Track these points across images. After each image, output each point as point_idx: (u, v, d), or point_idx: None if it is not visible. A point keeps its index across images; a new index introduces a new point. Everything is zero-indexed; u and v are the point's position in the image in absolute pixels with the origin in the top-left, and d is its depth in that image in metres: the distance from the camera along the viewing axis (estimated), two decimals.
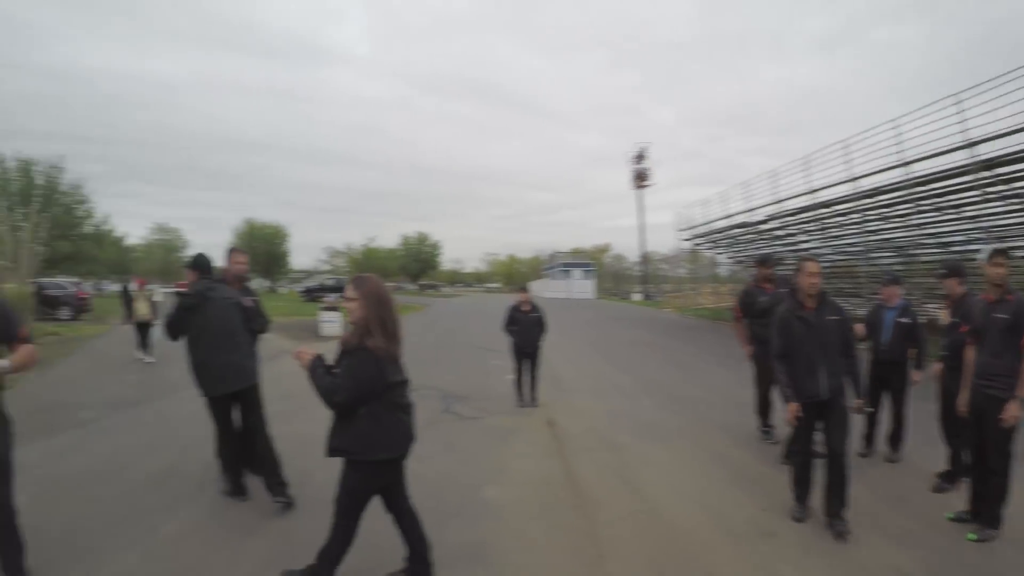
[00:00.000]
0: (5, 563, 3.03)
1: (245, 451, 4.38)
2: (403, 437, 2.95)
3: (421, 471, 4.93)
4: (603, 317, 27.08)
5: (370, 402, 2.81)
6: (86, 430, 6.40)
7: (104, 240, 37.77)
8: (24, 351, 2.97)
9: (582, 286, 54.94)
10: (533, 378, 7.83)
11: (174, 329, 4.19)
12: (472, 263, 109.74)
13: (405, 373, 3.01)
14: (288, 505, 4.14)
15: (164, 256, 65.67)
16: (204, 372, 4.15)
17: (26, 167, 27.51)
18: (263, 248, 53.97)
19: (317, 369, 2.88)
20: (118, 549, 3.59)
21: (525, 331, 7.73)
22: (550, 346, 8.18)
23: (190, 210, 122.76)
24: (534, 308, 7.83)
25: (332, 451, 2.88)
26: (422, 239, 71.88)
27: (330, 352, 3.01)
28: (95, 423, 6.72)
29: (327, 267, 71.28)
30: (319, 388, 2.81)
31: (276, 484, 4.18)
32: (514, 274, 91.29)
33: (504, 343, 8.69)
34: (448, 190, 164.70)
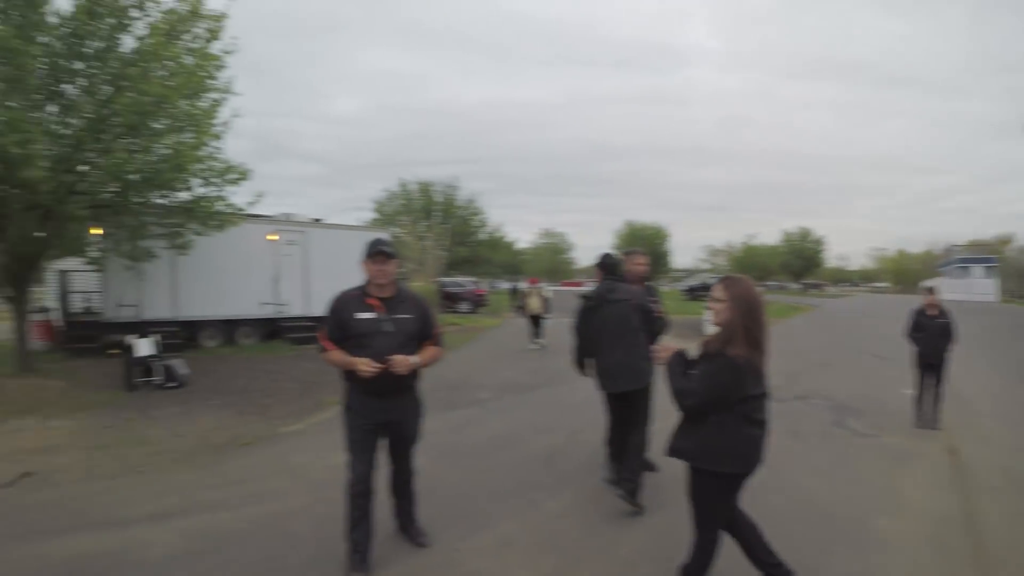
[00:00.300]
0: (399, 510, 3.64)
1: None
2: (751, 454, 2.69)
3: (813, 487, 4.68)
4: (1012, 325, 21.77)
5: (721, 411, 2.62)
6: (483, 408, 7.55)
7: (497, 245, 44.91)
8: (432, 351, 3.45)
9: (983, 285, 43.68)
10: (936, 395, 6.79)
11: (581, 336, 4.49)
12: (858, 259, 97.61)
13: (766, 386, 2.73)
14: (634, 509, 4.01)
15: (551, 257, 74.24)
16: (600, 369, 4.38)
17: (425, 188, 34.54)
18: (644, 248, 55.58)
19: (675, 367, 2.80)
20: (500, 516, 4.02)
21: (930, 339, 6.77)
22: (954, 358, 6.82)
23: (572, 215, 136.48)
24: (942, 313, 6.83)
25: (672, 451, 2.79)
26: (804, 235, 65.96)
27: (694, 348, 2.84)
28: (491, 402, 7.89)
29: (707, 266, 70.97)
30: (672, 388, 2.74)
31: (628, 481, 4.09)
32: (903, 271, 78.94)
33: (901, 351, 7.70)
34: (827, 180, 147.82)
